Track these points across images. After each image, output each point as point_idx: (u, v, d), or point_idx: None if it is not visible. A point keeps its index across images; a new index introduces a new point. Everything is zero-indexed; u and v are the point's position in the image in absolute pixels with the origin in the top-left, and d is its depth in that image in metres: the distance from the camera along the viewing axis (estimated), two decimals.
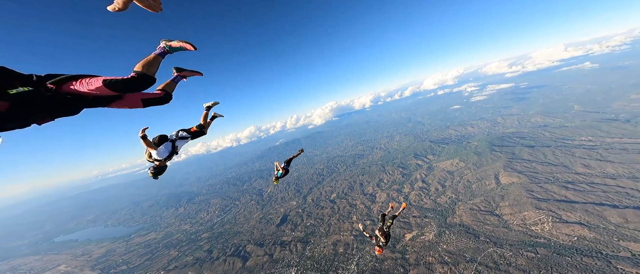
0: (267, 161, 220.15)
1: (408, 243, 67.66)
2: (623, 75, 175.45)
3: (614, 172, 67.80)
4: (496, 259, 51.05)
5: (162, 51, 3.47)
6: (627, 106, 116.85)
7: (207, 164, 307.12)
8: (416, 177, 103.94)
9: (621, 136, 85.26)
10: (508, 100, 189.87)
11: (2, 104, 2.42)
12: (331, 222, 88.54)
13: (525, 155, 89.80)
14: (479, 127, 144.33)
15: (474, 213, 69.91)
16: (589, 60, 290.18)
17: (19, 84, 2.61)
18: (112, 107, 3.60)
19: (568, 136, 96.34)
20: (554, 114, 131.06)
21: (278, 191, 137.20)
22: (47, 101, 2.80)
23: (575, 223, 52.90)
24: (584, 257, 43.78)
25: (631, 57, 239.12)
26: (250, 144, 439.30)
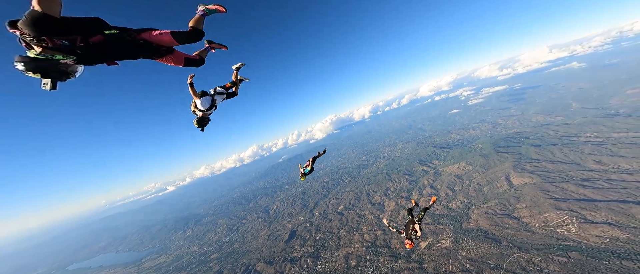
0: (271, 179, 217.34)
1: (424, 252, 62.97)
2: (614, 72, 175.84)
3: (629, 168, 64.36)
4: (524, 265, 46.56)
5: (202, 13, 4.28)
6: (625, 101, 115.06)
7: (212, 186, 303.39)
8: (424, 183, 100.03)
9: (627, 131, 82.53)
10: (505, 101, 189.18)
11: (98, 37, 3.42)
12: (341, 234, 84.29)
13: (532, 155, 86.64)
14: (480, 130, 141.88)
15: (491, 217, 65.64)
16: (576, 60, 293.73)
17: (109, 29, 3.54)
18: (162, 60, 4.33)
19: (573, 133, 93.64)
20: (554, 113, 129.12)
21: (284, 207, 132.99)
22: (124, 45, 3.68)
23: (603, 223, 48.86)
24: (623, 260, 39.53)
25: (616, 55, 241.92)
26: (253, 163, 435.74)
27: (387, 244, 72.31)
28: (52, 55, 3.09)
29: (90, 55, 3.38)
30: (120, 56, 3.76)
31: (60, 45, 3.11)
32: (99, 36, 3.41)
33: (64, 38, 3.10)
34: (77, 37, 3.23)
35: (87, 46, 3.31)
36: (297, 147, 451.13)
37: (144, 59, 4.15)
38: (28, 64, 2.99)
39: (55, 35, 3.02)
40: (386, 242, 73.19)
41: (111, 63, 3.76)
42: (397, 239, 73.00)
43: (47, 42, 3.00)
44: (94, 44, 3.36)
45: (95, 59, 3.50)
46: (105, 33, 3.45)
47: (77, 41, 3.23)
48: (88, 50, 3.34)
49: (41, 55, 3.05)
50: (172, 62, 4.44)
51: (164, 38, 3.87)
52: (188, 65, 4.72)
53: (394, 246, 69.77)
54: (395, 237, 74.18)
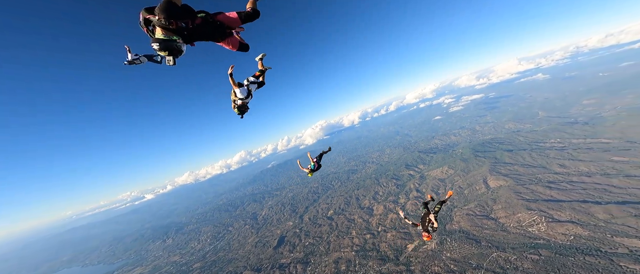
0: (259, 185, 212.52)
1: (411, 254, 64.10)
2: (572, 84, 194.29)
3: (588, 170, 70.57)
4: (502, 264, 48.83)
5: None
6: (583, 110, 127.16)
7: (196, 193, 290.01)
8: (410, 187, 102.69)
9: (584, 137, 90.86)
10: (482, 109, 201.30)
11: (198, 20, 4.27)
12: (330, 239, 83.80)
13: (506, 159, 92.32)
14: (461, 136, 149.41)
15: (471, 218, 68.54)
16: (541, 72, 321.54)
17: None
18: (223, 43, 5.00)
19: (539, 139, 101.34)
20: (523, 120, 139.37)
21: (273, 213, 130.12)
22: (209, 26, 4.41)
23: (567, 222, 52.81)
24: (586, 256, 42.81)
25: (574, 69, 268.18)
26: (241, 170, 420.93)
27: (376, 247, 72.72)
28: (171, 36, 3.95)
29: (189, 35, 4.19)
30: (204, 37, 4.47)
31: (179, 27, 4.00)
32: (198, 19, 4.32)
33: (182, 21, 4.03)
34: (189, 20, 4.16)
35: (191, 28, 4.18)
36: (287, 152, 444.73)
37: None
38: (161, 44, 3.87)
39: (178, 19, 3.94)
40: (375, 245, 73.61)
41: (192, 44, 4.53)
42: (385, 242, 73.77)
43: (173, 24, 3.87)
44: (195, 25, 4.23)
45: (190, 39, 4.30)
46: (200, 15, 4.33)
47: (189, 23, 4.15)
48: (189, 32, 4.18)
49: (165, 36, 3.92)
50: (230, 45, 5.08)
51: (232, 18, 4.60)
52: (240, 50, 5.36)
53: (383, 250, 70.32)
54: (384, 240, 74.96)
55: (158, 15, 3.71)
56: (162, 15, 3.70)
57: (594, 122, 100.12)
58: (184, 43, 4.10)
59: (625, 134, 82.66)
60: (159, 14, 3.69)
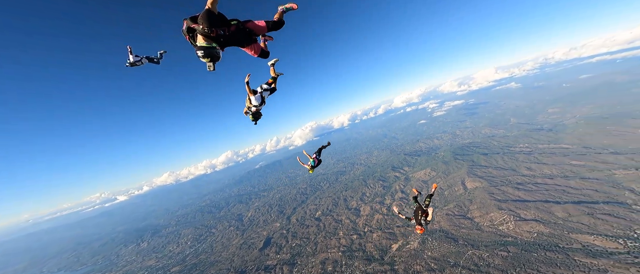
0: (246, 186, 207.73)
1: (395, 254, 66.31)
2: (540, 93, 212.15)
3: (550, 173, 77.61)
4: (476, 261, 52.21)
5: (283, 10, 5.22)
6: (548, 118, 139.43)
7: (176, 194, 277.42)
8: (396, 188, 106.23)
9: (548, 143, 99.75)
10: (462, 115, 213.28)
11: (233, 27, 4.60)
12: (318, 240, 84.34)
13: (482, 162, 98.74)
14: (443, 139, 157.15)
15: (450, 218, 72.44)
16: (514, 81, 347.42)
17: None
18: (247, 49, 5.21)
19: (511, 143, 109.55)
20: (498, 126, 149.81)
21: (260, 214, 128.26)
22: (241, 33, 4.74)
23: (532, 220, 57.73)
24: (547, 251, 47.15)
25: (542, 79, 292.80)
26: (227, 170, 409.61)
27: (362, 247, 74.31)
28: (211, 44, 4.37)
29: (224, 42, 4.57)
30: (235, 43, 4.83)
31: (218, 34, 4.37)
32: (233, 26, 4.64)
33: (220, 29, 4.39)
34: (226, 27, 4.53)
35: (227, 35, 4.53)
36: (275, 153, 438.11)
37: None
38: (204, 51, 4.31)
39: (217, 27, 4.32)
40: (361, 246, 75.19)
41: (223, 49, 4.82)
42: (371, 242, 75.67)
43: (214, 32, 4.26)
44: (230, 33, 4.58)
45: (223, 46, 4.66)
46: (233, 23, 4.66)
47: (226, 31, 4.50)
48: (225, 39, 4.55)
49: (206, 44, 4.33)
50: (252, 50, 5.34)
51: (260, 26, 4.93)
52: (260, 56, 5.61)
53: (369, 250, 72.08)
54: (370, 240, 76.85)
55: (201, 23, 4.13)
56: (204, 24, 4.11)
57: (557, 129, 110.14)
58: (220, 50, 4.52)
59: (583, 141, 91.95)
60: (202, 22, 4.12)
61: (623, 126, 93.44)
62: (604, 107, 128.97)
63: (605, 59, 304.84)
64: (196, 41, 4.36)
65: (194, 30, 4.29)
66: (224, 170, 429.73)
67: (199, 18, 4.13)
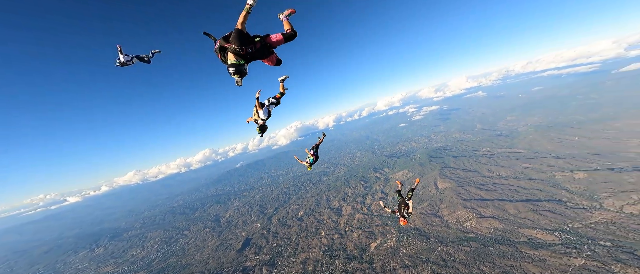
0: (225, 186, 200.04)
1: (374, 252, 69.54)
2: (501, 102, 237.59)
3: (506, 174, 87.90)
4: (444, 257, 57.26)
5: (286, 18, 5.46)
6: (506, 125, 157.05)
7: (142, 195, 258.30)
8: (376, 188, 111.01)
9: (505, 147, 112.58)
10: (437, 119, 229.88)
11: (257, 44, 4.92)
12: (299, 240, 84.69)
13: (451, 164, 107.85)
14: (419, 142, 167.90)
15: (423, 217, 78.13)
16: (481, 90, 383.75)
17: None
18: (266, 60, 5.53)
19: (476, 147, 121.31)
20: (466, 131, 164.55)
21: (239, 215, 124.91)
22: (264, 48, 5.03)
23: (490, 217, 64.99)
24: (500, 245, 53.63)
25: (504, 89, 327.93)
26: (204, 169, 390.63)
27: (342, 247, 76.53)
28: (240, 61, 4.77)
29: (250, 58, 4.92)
30: (258, 57, 5.18)
31: (247, 52, 4.75)
32: (258, 43, 4.97)
33: (248, 47, 4.75)
34: (253, 45, 4.86)
35: (253, 52, 4.87)
36: (258, 152, 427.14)
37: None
38: (235, 68, 4.69)
39: (247, 45, 4.70)
40: (342, 245, 77.38)
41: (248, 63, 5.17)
42: (351, 241, 78.30)
43: (243, 50, 4.66)
44: (256, 49, 4.92)
45: (250, 61, 5.02)
46: (257, 40, 4.97)
47: (253, 48, 4.84)
48: (251, 55, 4.88)
49: (236, 61, 4.72)
50: (270, 61, 5.70)
51: (278, 39, 5.21)
52: (275, 65, 5.98)
53: (349, 249, 74.54)
54: (350, 239, 79.48)
55: (233, 42, 4.59)
56: (236, 43, 4.57)
57: (512, 136, 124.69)
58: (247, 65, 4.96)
59: (532, 146, 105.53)
60: (234, 41, 4.59)
61: (563, 134, 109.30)
62: (550, 116, 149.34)
63: (554, 74, 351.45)
64: (227, 59, 4.82)
65: (225, 49, 4.76)
66: (200, 169, 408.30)
67: (231, 38, 4.63)
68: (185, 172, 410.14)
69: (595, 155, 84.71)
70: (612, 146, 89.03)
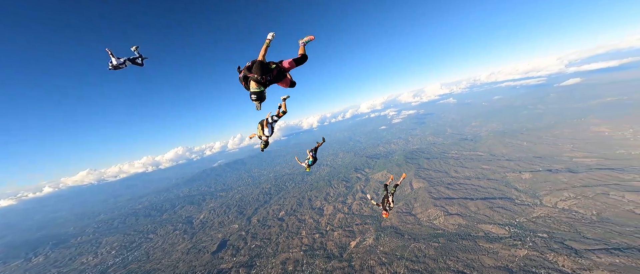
0: (200, 185, 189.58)
1: (353, 250, 72.05)
2: (468, 109, 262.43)
3: (469, 175, 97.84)
4: (417, 253, 61.84)
5: (303, 44, 6.18)
6: (471, 130, 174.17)
7: (98, 196, 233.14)
8: (357, 188, 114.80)
9: (470, 150, 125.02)
10: (414, 123, 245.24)
11: (274, 71, 5.52)
12: (279, 240, 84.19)
13: (425, 165, 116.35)
14: (397, 144, 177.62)
15: (399, 215, 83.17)
16: (452, 97, 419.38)
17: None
18: (280, 83, 6.11)
19: (446, 150, 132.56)
20: (438, 135, 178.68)
21: (215, 216, 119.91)
22: (280, 73, 5.68)
23: (455, 214, 71.89)
24: (463, 240, 59.76)
25: (470, 97, 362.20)
26: (175, 168, 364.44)
27: (323, 246, 77.81)
28: (261, 88, 5.38)
29: (268, 84, 5.49)
30: (275, 81, 5.78)
31: (267, 79, 5.36)
32: (274, 71, 5.54)
33: (268, 75, 5.35)
34: (271, 73, 5.43)
35: (271, 79, 5.46)
36: (238, 151, 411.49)
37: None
38: (257, 95, 5.31)
39: (266, 74, 5.30)
40: (322, 244, 78.63)
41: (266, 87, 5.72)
42: (332, 240, 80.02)
43: (264, 79, 5.27)
44: (273, 76, 5.49)
45: (268, 86, 5.59)
46: (273, 67, 5.55)
47: (271, 75, 5.42)
48: (270, 81, 5.48)
49: (257, 89, 5.33)
50: (284, 83, 6.26)
51: (290, 64, 5.78)
52: (289, 87, 6.55)
53: (329, 248, 76.12)
54: (331, 239, 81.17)
55: (255, 73, 5.20)
56: (258, 73, 5.20)
57: (476, 140, 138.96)
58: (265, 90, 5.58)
59: (490, 150, 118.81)
60: (256, 71, 5.20)
61: (515, 139, 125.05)
62: (505, 123, 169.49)
63: (510, 85, 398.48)
64: (249, 86, 5.45)
65: (248, 77, 5.42)
66: (171, 168, 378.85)
67: (253, 68, 5.26)
68: (152, 172, 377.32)
69: (538, 158, 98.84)
70: (551, 150, 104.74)
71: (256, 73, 5.23)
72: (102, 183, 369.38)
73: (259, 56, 5.22)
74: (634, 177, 69.60)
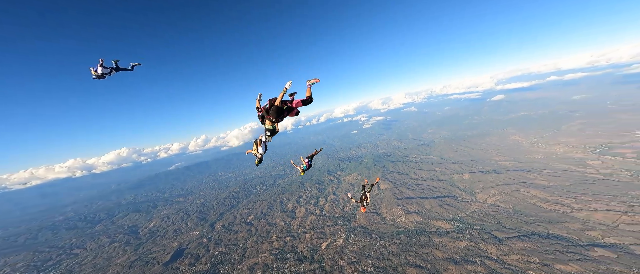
0: (150, 191, 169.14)
1: (324, 252, 73.34)
2: (426, 117, 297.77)
3: (425, 176, 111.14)
4: (382, 250, 66.74)
5: (309, 86, 7.21)
6: (428, 136, 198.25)
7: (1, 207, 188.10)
8: (329, 190, 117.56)
9: (426, 155, 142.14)
10: (382, 129, 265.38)
11: (285, 111, 7.12)
12: (247, 245, 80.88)
13: (390, 167, 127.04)
14: (367, 148, 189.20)
15: (367, 215, 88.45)
16: (414, 106, 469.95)
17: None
18: (290, 115, 7.49)
19: (408, 154, 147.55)
20: (402, 140, 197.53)
21: (169, 224, 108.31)
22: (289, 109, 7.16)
23: (414, 213, 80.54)
24: (419, 236, 67.31)
25: (428, 107, 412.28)
26: (117, 172, 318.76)
27: (294, 249, 77.00)
28: (274, 126, 7.04)
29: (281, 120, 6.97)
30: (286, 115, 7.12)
31: (280, 119, 6.92)
32: (285, 112, 6.89)
33: (281, 117, 6.90)
34: (284, 114, 6.94)
35: (283, 117, 7.00)
36: (202, 153, 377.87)
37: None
38: (271, 132, 7.00)
39: (281, 117, 6.95)
40: (294, 247, 77.80)
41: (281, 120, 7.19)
42: (303, 243, 79.81)
43: (278, 120, 6.89)
44: (283, 113, 6.91)
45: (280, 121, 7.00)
46: (285, 108, 6.91)
47: (284, 115, 6.96)
48: (282, 118, 6.89)
49: (271, 127, 7.01)
50: (292, 114, 7.41)
51: (298, 103, 7.11)
52: (294, 115, 7.55)
53: (301, 250, 75.77)
54: (303, 241, 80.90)
55: (272, 115, 6.71)
56: (274, 116, 6.73)
57: (430, 145, 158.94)
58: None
59: (441, 154, 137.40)
60: (272, 114, 6.70)
61: (459, 145, 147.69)
62: (452, 131, 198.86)
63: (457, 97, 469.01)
64: (265, 123, 6.93)
65: (265, 117, 6.87)
66: (110, 173, 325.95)
67: (271, 112, 6.70)
68: (81, 177, 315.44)
69: (475, 161, 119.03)
70: (483, 155, 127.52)
71: (273, 115, 6.79)
72: (3, 191, 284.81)
73: (276, 102, 6.60)
74: (536, 177, 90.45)
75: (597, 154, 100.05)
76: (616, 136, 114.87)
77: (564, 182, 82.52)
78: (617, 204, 63.44)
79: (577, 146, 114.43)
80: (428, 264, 55.75)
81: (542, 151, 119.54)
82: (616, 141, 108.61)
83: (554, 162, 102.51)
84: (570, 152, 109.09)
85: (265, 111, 6.86)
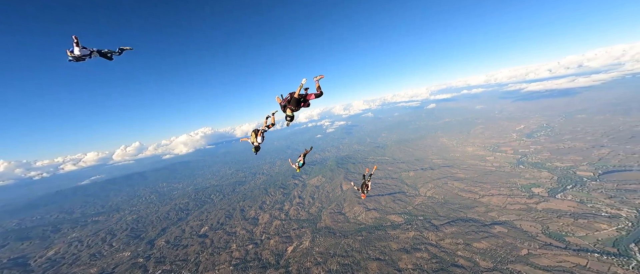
0: (45, 212, 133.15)
1: (290, 256, 70.42)
2: (380, 122, 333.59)
3: (381, 175, 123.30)
4: (346, 248, 68.96)
5: (317, 81, 8.33)
6: (382, 139, 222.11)
7: None
8: (294, 194, 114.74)
9: (381, 155, 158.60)
10: (344, 133, 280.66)
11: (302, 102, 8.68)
12: (201, 259, 71.49)
13: (352, 169, 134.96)
14: (330, 152, 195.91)
15: (332, 215, 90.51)
16: (371, 112, 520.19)
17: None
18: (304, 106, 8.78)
19: (366, 156, 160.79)
20: (361, 143, 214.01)
21: (79, 249, 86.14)
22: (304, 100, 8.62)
23: (373, 210, 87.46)
24: (377, 231, 73.24)
25: (382, 113, 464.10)
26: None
27: (258, 256, 71.28)
28: (292, 114, 8.31)
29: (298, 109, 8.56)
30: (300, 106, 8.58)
31: (298, 108, 8.43)
32: (302, 103, 8.45)
33: (299, 107, 8.47)
34: (301, 105, 8.51)
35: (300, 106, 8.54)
36: (134, 163, 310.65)
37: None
38: (291, 118, 8.25)
39: (299, 106, 8.46)
40: (257, 254, 72.02)
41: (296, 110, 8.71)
42: (268, 249, 74.63)
43: (296, 109, 8.42)
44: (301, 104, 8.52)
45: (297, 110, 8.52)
46: (301, 100, 8.44)
47: (301, 105, 8.51)
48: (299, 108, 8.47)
49: (291, 114, 8.27)
50: (306, 105, 8.72)
51: (311, 96, 8.55)
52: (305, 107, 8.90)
53: (265, 257, 70.48)
54: (267, 247, 75.50)
55: (292, 105, 8.25)
56: (293, 105, 8.29)
57: (384, 147, 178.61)
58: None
59: (393, 155, 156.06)
60: (293, 105, 8.27)
61: (406, 146, 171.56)
62: (400, 134, 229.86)
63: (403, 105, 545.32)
64: (286, 112, 8.31)
65: (286, 106, 8.34)
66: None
67: (291, 102, 8.21)
68: None
69: (417, 160, 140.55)
70: (423, 154, 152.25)
71: (293, 105, 8.23)
72: None
73: (295, 94, 8.09)
74: (457, 171, 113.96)
75: (492, 152, 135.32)
76: (501, 137, 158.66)
77: (473, 174, 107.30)
78: (504, 189, 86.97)
79: (480, 145, 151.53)
80: (386, 256, 61.06)
81: (460, 150, 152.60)
82: (501, 141, 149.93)
83: (467, 158, 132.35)
84: (476, 151, 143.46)
85: (287, 102, 8.23)
